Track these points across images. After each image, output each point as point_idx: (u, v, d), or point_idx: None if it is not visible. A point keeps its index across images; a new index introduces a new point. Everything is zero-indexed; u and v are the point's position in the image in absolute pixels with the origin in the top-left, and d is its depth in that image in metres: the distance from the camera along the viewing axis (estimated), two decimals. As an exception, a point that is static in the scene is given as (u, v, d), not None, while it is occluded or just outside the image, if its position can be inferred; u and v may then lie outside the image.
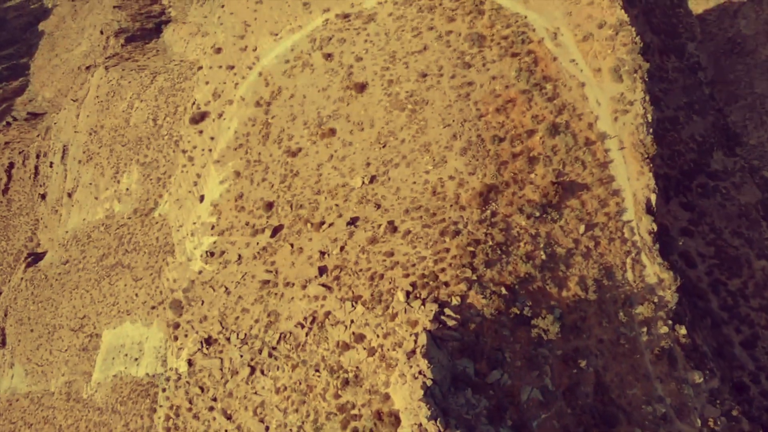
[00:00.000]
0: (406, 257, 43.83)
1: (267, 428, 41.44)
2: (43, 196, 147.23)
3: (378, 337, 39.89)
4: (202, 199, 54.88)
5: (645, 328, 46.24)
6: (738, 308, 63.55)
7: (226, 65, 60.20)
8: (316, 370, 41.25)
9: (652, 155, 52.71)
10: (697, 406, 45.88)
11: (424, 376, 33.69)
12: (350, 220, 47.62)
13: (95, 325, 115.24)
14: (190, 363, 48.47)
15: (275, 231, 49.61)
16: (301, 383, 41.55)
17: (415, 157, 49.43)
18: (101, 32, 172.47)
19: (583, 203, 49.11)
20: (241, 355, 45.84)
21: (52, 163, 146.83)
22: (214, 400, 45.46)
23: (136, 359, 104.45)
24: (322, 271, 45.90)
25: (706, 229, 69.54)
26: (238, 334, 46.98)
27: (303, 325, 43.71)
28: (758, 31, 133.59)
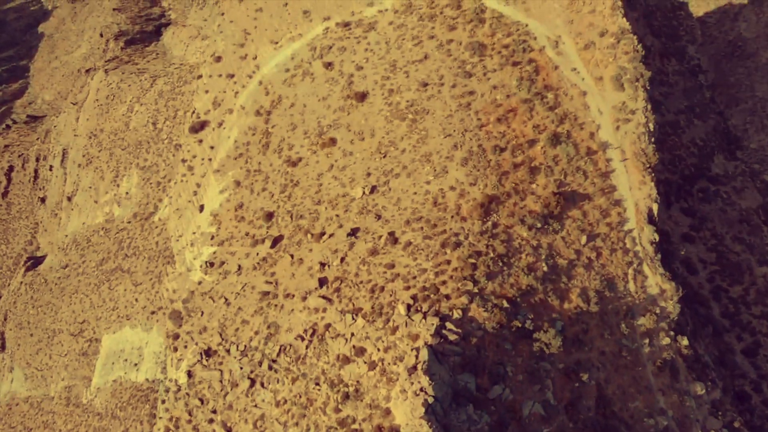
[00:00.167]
0: (406, 269, 43.62)
1: (267, 442, 41.24)
2: (43, 200, 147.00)
3: (379, 350, 39.67)
4: (202, 208, 54.68)
5: (647, 340, 46.01)
6: (739, 315, 63.38)
7: (226, 74, 60.00)
8: (317, 384, 41.03)
9: (654, 164, 52.51)
10: (699, 418, 45.67)
11: (426, 393, 33.49)
12: (351, 231, 47.40)
13: (95, 330, 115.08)
14: (189, 374, 48.25)
15: (275, 241, 49.40)
16: (301, 396, 41.32)
17: (416, 168, 49.22)
18: (101, 35, 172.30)
19: (584, 213, 48.88)
20: (241, 367, 45.62)
21: (51, 167, 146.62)
22: (214, 412, 45.24)
23: (136, 364, 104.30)
24: (323, 282, 45.69)
25: (708, 234, 69.34)
26: (237, 346, 46.77)
27: (303, 338, 43.50)
28: (759, 34, 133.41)
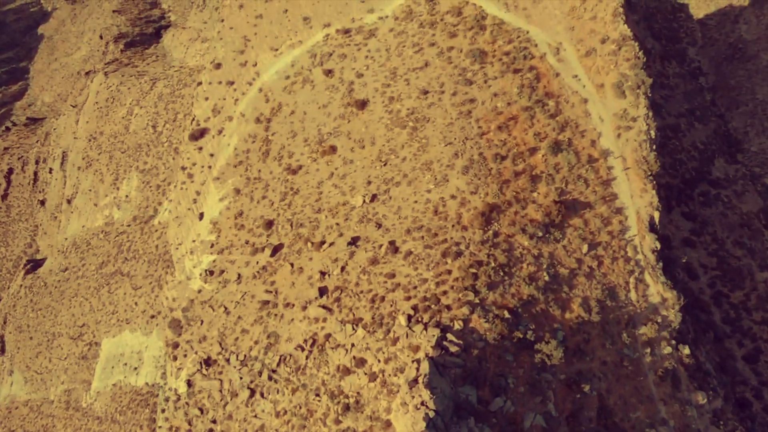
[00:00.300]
0: (407, 279, 43.41)
1: (267, 454, 41.03)
2: (43, 203, 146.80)
3: (379, 362, 39.47)
4: (202, 216, 54.44)
5: (648, 349, 45.79)
6: (740, 321, 63.20)
7: (226, 81, 59.73)
8: (317, 395, 40.83)
9: (656, 172, 52.31)
10: (701, 428, 45.47)
11: (427, 407, 33.27)
12: (351, 240, 47.18)
13: (94, 334, 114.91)
14: (189, 383, 48.07)
15: (275, 250, 49.18)
16: (301, 407, 41.12)
17: (417, 176, 49.00)
18: (101, 37, 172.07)
19: (586, 222, 48.66)
20: (241, 377, 45.43)
21: (51, 169, 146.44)
22: (214, 422, 45.05)
23: (136, 368, 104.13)
24: (323, 292, 45.48)
25: (708, 239, 69.15)
26: (237, 356, 46.57)
27: (303, 348, 43.31)
28: (759, 36, 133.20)
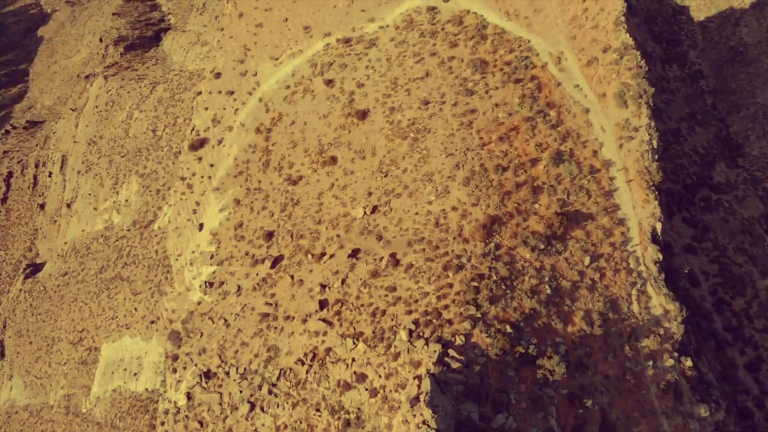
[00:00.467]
0: (408, 292, 43.12)
1: (267, 469, 40.79)
2: (42, 206, 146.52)
3: (380, 377, 39.19)
4: (201, 227, 54.14)
5: (651, 362, 45.51)
6: (742, 329, 62.91)
7: (226, 90, 59.37)
8: (317, 410, 40.55)
9: (658, 183, 52.04)
10: (703, 441, 45.25)
11: (428, 426, 32.99)
12: (351, 252, 46.89)
13: (94, 339, 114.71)
14: (188, 396, 47.79)
15: (275, 262, 48.90)
16: (301, 422, 40.85)
17: (418, 187, 48.72)
18: (100, 40, 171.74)
19: (588, 233, 48.38)
20: (241, 391, 45.16)
21: (51, 173, 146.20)
22: (214, 436, 44.82)
23: (135, 374, 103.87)
24: (323, 305, 45.20)
25: (710, 245, 68.88)
26: (237, 369, 46.29)
27: (303, 362, 43.02)
28: (760, 40, 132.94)
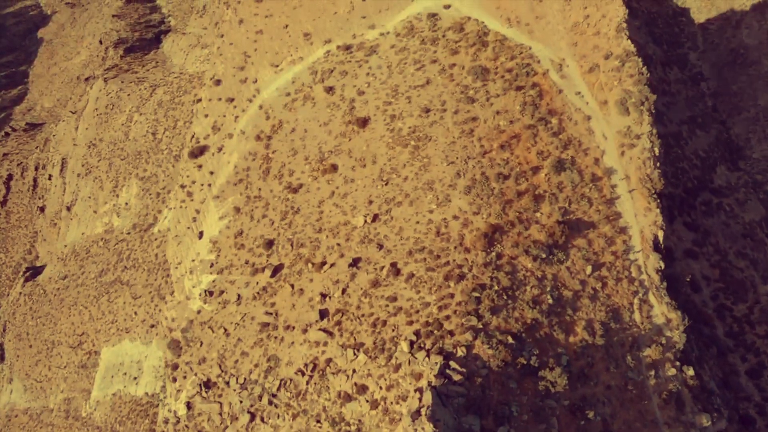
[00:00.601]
0: (409, 302, 42.90)
1: (267, 481, 40.57)
2: (42, 209, 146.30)
3: (381, 389, 38.98)
4: (201, 235, 53.88)
5: (653, 372, 45.25)
6: (743, 335, 62.70)
7: (226, 98, 59.05)
8: (318, 421, 40.34)
9: (660, 191, 51.79)
10: (706, 451, 45.01)
11: (430, 441, 32.78)
12: (352, 261, 46.66)
13: (94, 343, 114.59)
14: (188, 406, 47.58)
15: (275, 270, 48.67)
16: (302, 434, 40.67)
17: (419, 196, 48.48)
18: (100, 42, 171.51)
19: (589, 242, 48.13)
20: (241, 401, 44.94)
21: (50, 176, 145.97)
22: (214, 446, 44.61)
23: (135, 378, 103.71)
24: (323, 314, 44.97)
25: (711, 250, 68.65)
26: (237, 378, 46.08)
27: (303, 373, 42.80)
28: (761, 42, 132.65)
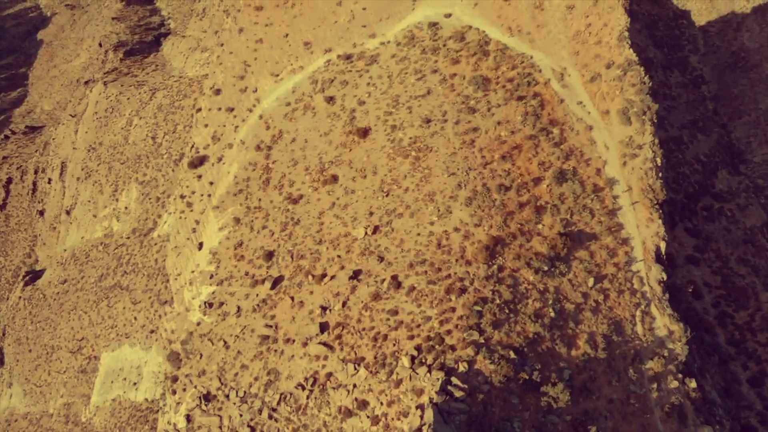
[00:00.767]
0: (410, 316, 42.59)
1: (267, 498, 40.28)
2: (42, 213, 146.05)
3: (382, 404, 38.69)
4: (201, 246, 53.56)
5: (655, 384, 45.00)
6: (745, 343, 62.52)
7: (226, 107, 58.68)
8: (318, 437, 40.08)
9: (662, 201, 51.51)
10: (708, 463, 44.75)
11: (431, 460, 32.50)
12: (352, 274, 46.34)
13: (93, 348, 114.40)
14: (188, 419, 47.26)
15: (275, 282, 48.36)
16: (302, 449, 40.38)
17: (419, 207, 48.17)
18: (100, 45, 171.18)
19: (591, 254, 47.84)
20: (241, 414, 44.63)
21: (50, 180, 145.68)
22: (213, 461, 44.30)
23: (135, 383, 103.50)
24: (324, 328, 44.67)
25: (712, 256, 68.48)
26: (237, 392, 45.77)
27: (304, 387, 42.50)
28: (762, 45, 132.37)
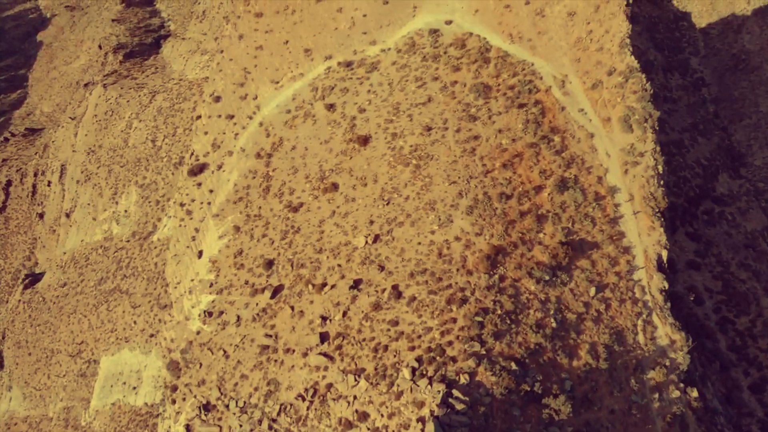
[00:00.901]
0: (411, 327, 42.39)
1: None
2: (41, 215, 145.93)
3: (382, 416, 38.49)
4: (201, 254, 53.34)
5: (656, 394, 44.82)
6: (746, 349, 62.42)
7: (226, 114, 58.42)
8: (319, 448, 39.88)
9: (664, 209, 51.32)
10: (710, 474, 44.60)
11: (432, 475, 32.32)
12: (353, 284, 46.14)
13: (93, 351, 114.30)
14: (188, 429, 47.07)
15: (275, 291, 48.16)
16: (302, 461, 40.19)
17: (420, 216, 47.96)
18: (100, 47, 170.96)
19: (593, 263, 47.66)
20: (241, 425, 44.42)
21: (50, 182, 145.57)
22: (213, 471, 44.11)
23: (135, 388, 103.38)
24: (324, 338, 44.47)
25: (713, 260, 68.37)
26: (237, 402, 45.58)
27: (304, 398, 42.31)
28: (763, 47, 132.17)
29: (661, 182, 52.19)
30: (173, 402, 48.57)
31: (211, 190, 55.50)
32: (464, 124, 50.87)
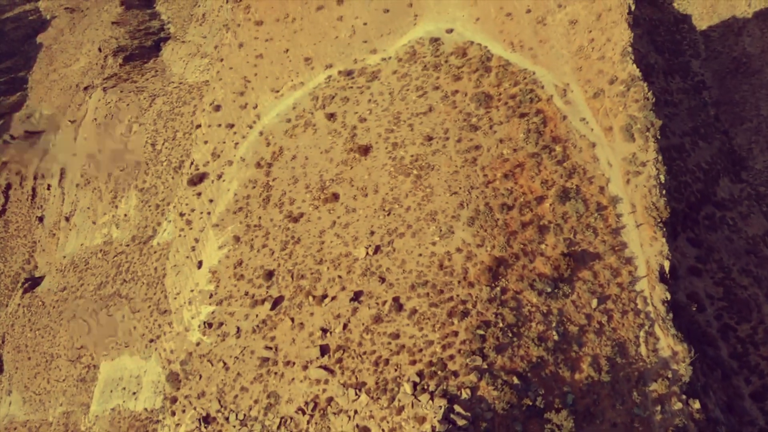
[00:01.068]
0: (412, 340, 42.10)
1: None
2: (41, 219, 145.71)
3: (383, 431, 38.22)
4: (200, 265, 53.03)
5: (659, 407, 44.49)
6: (747, 356, 62.15)
7: (226, 123, 58.11)
8: (319, 463, 39.61)
9: (666, 219, 51.03)
10: (713, 487, 44.32)
11: (434, 494, 32.03)
12: (353, 295, 45.85)
13: (93, 356, 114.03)
14: (187, 441, 46.80)
15: (275, 303, 47.87)
16: (303, 475, 39.92)
17: (421, 227, 47.67)
18: (99, 50, 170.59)
19: (595, 274, 47.35)
20: (241, 438, 44.16)
21: (49, 186, 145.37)
22: (213, 485, 43.85)
23: (134, 393, 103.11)
24: (324, 351, 44.17)
25: (714, 266, 68.12)
26: (237, 414, 45.28)
27: (304, 411, 42.01)
28: (764, 50, 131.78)
29: (663, 192, 51.90)
30: (173, 414, 48.28)
31: (211, 200, 55.19)
32: (465, 133, 50.57)
